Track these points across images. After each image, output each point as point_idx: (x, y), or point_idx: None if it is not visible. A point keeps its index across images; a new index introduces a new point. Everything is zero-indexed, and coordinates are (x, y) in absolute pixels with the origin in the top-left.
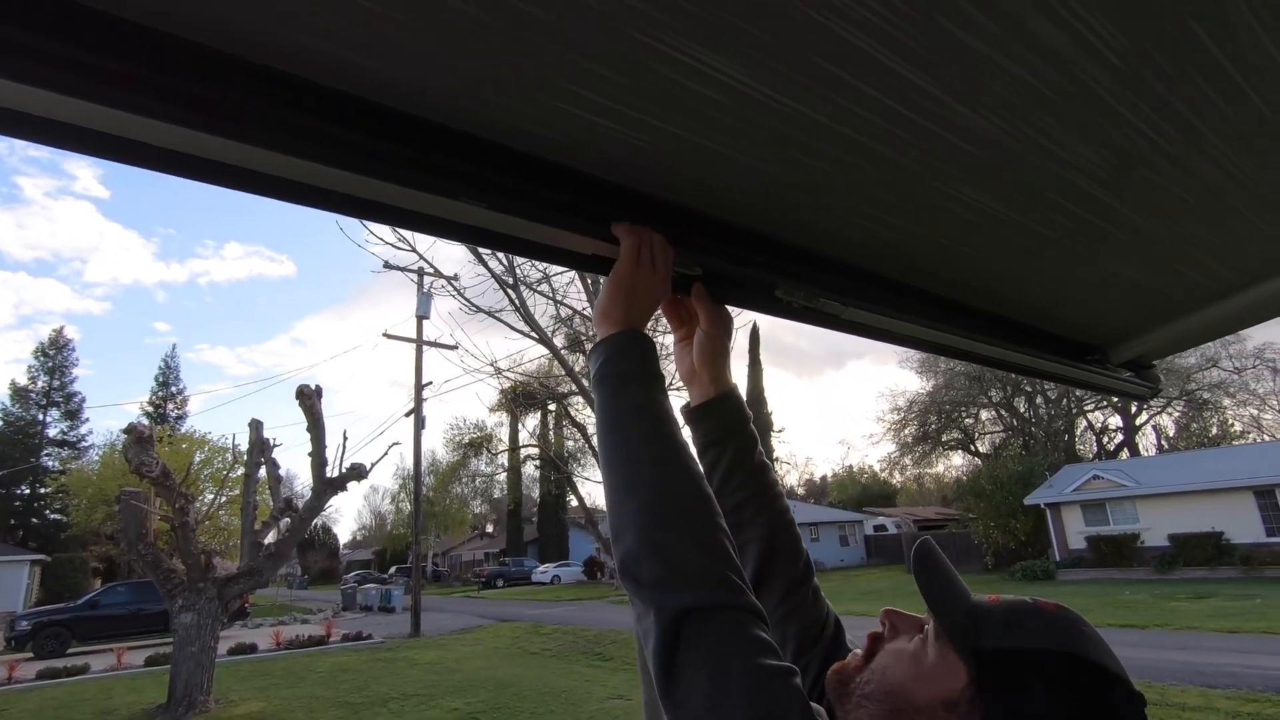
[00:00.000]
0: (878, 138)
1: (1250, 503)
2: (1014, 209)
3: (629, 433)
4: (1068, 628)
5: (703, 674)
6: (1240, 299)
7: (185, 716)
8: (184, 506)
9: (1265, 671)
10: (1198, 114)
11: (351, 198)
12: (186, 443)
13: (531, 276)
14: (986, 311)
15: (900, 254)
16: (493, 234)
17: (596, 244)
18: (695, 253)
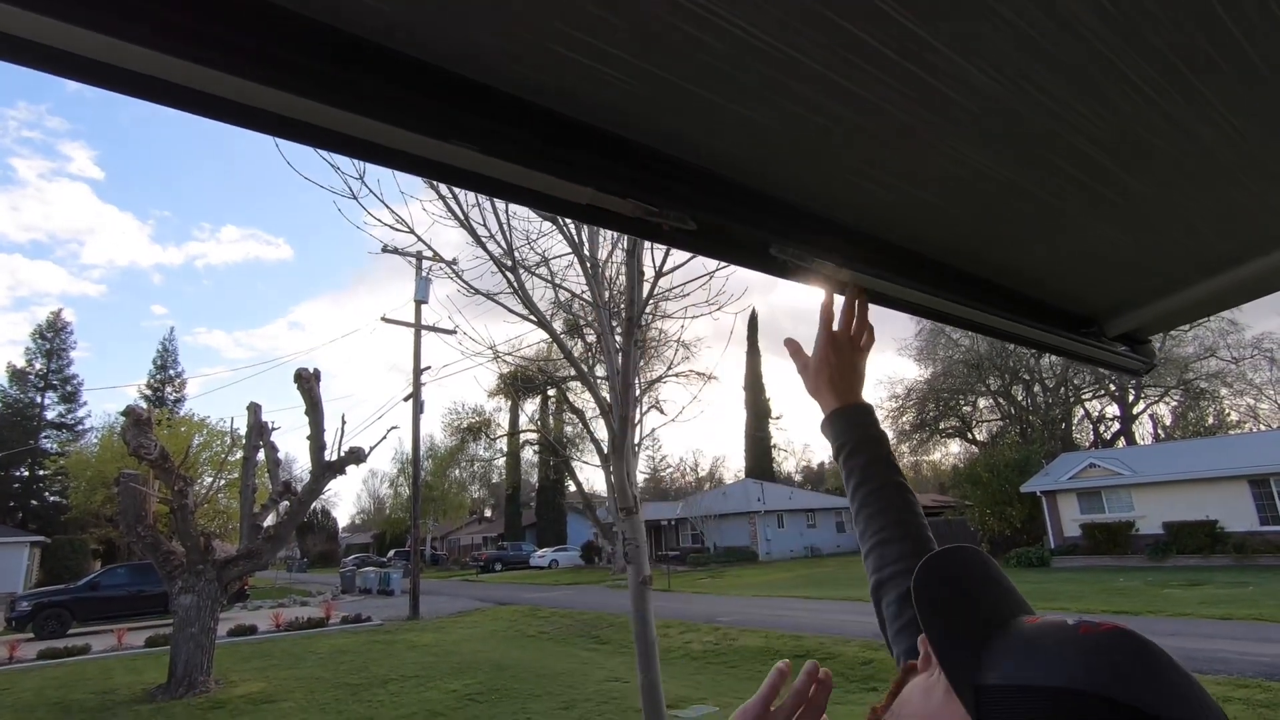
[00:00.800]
0: (876, 91)
1: (1245, 492)
2: (1010, 169)
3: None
4: (1107, 658)
5: None
6: (1238, 273)
7: (185, 696)
8: (183, 489)
9: (1256, 658)
10: (1196, 71)
11: (338, 134)
12: (185, 426)
13: (530, 260)
14: (982, 279)
15: (896, 215)
16: (484, 178)
17: (592, 193)
18: (690, 207)
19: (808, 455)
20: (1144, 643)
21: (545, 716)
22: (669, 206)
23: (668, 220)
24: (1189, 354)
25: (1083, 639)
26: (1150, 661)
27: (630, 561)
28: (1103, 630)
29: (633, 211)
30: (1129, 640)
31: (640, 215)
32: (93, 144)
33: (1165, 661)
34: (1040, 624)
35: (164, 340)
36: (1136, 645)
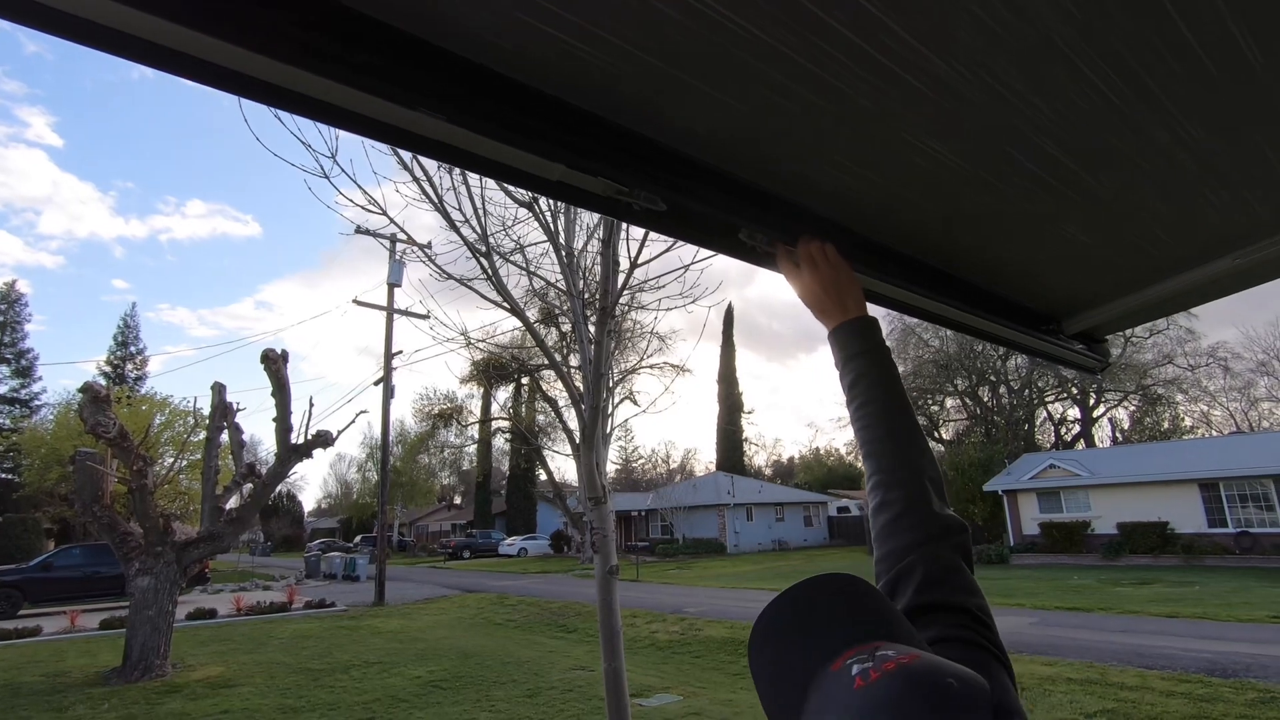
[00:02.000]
0: (849, 81)
1: (1195, 495)
2: (975, 163)
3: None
4: (861, 715)
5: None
6: (1191, 276)
7: (141, 680)
8: (142, 469)
9: (1198, 654)
10: (1154, 76)
11: (299, 95)
12: (146, 404)
13: (505, 246)
14: (947, 273)
15: (864, 205)
16: (452, 149)
17: (563, 170)
18: (660, 188)
19: (778, 450)
20: (910, 692)
21: (509, 704)
22: (640, 186)
23: (638, 200)
24: (1148, 360)
25: (850, 696)
26: (903, 712)
27: (597, 551)
28: (872, 680)
29: (603, 190)
30: (884, 695)
31: (611, 194)
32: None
33: (919, 712)
34: (836, 673)
35: (125, 316)
36: (890, 701)
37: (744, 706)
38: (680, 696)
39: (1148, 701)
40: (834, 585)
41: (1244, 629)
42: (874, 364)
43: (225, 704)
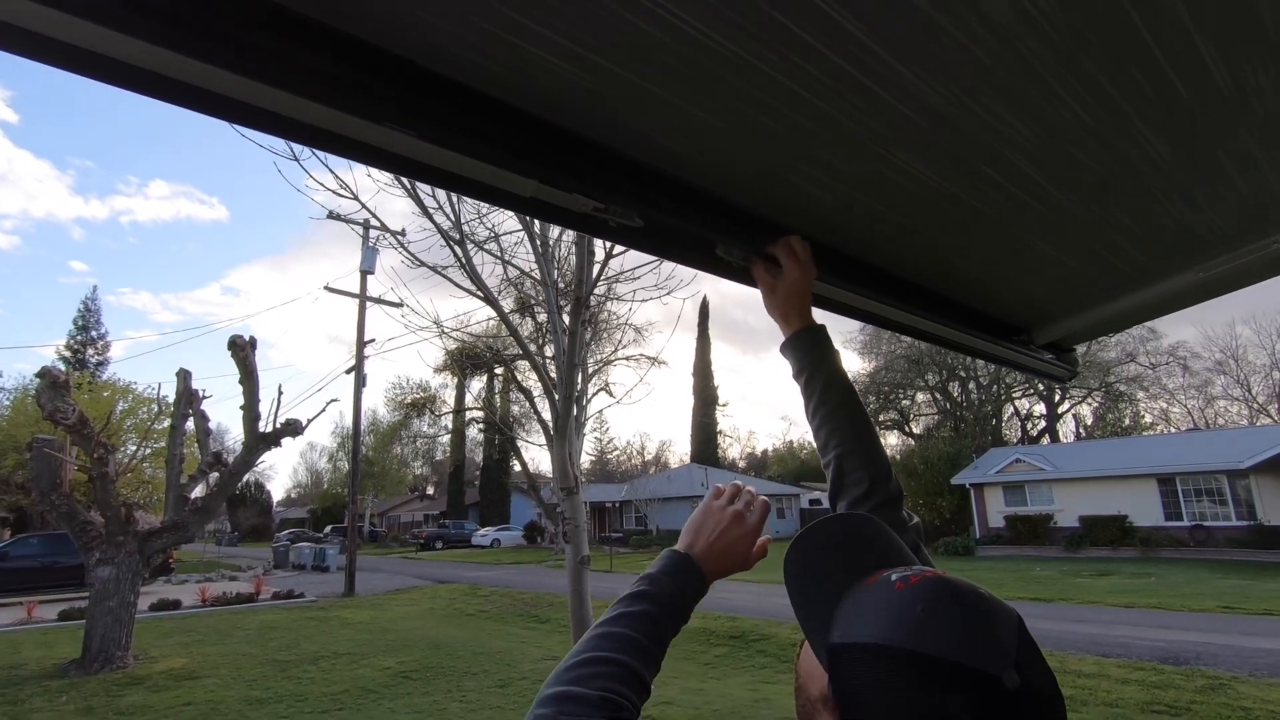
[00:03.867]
0: (825, 96)
1: (1153, 489)
2: (950, 180)
3: (607, 622)
4: (905, 611)
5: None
6: (1156, 289)
7: (101, 672)
8: (103, 456)
9: (1152, 643)
10: (1125, 95)
11: (261, 110)
12: (108, 390)
13: (479, 234)
14: (922, 286)
15: (839, 220)
16: (422, 166)
17: (537, 186)
18: (636, 204)
19: (753, 442)
20: (940, 591)
21: (480, 694)
22: (615, 203)
23: (614, 216)
24: (1111, 358)
25: (895, 594)
26: (943, 608)
27: (569, 541)
28: (912, 583)
29: (578, 206)
30: (929, 590)
31: (586, 210)
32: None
33: (958, 607)
34: (873, 583)
35: (86, 299)
36: (935, 594)
37: (714, 695)
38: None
39: (1104, 688)
40: (856, 521)
41: (1196, 619)
42: (839, 366)
43: (189, 696)
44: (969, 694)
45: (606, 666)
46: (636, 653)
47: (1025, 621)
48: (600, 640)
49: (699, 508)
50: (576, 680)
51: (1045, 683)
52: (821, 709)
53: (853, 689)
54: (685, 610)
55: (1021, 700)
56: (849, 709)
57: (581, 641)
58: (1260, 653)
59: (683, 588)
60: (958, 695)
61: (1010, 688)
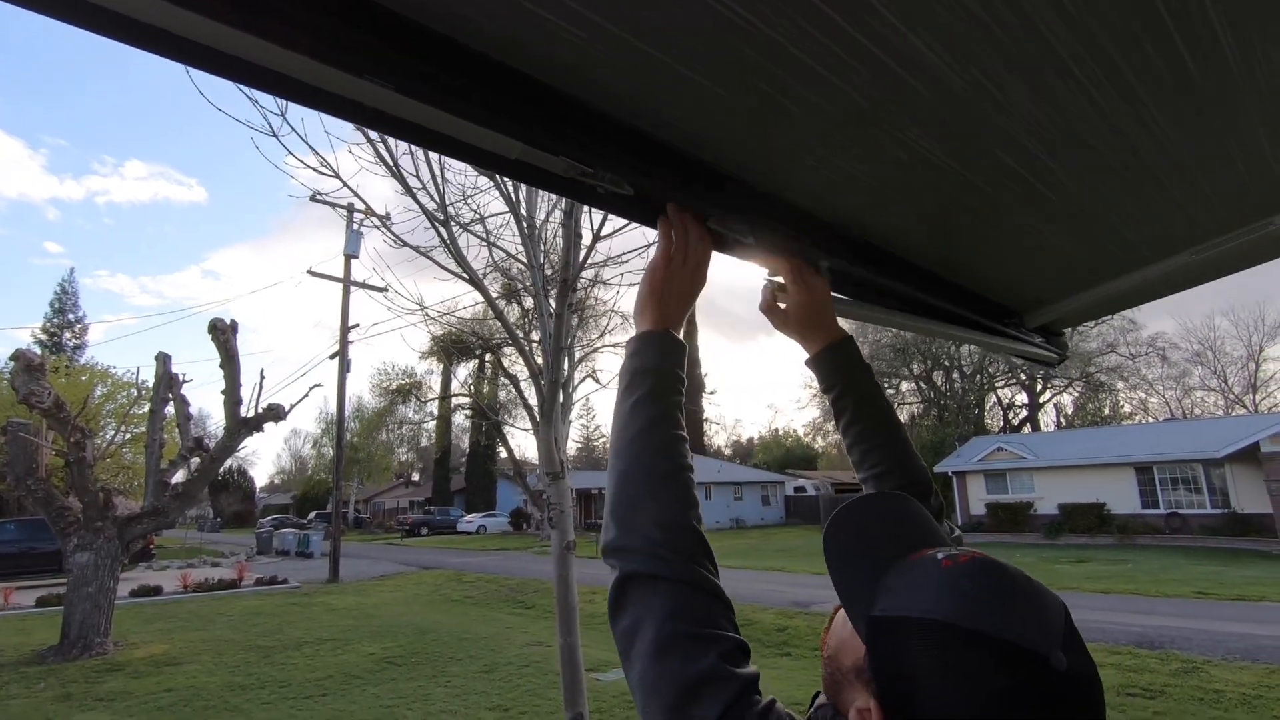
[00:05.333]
0: (829, 65)
1: (1130, 477)
2: (955, 158)
3: (620, 423)
4: (954, 587)
5: (629, 628)
6: (1148, 272)
7: (80, 658)
8: (80, 441)
9: (1128, 627)
10: (1138, 76)
11: (228, 56)
12: (86, 375)
13: (464, 216)
14: (919, 267)
15: (837, 196)
16: (401, 122)
17: (522, 148)
18: (626, 171)
19: (738, 430)
20: (988, 569)
21: (465, 679)
22: (604, 168)
23: (602, 183)
24: (1093, 349)
25: (943, 571)
26: (993, 587)
27: (554, 526)
28: (960, 562)
29: (565, 170)
30: (974, 568)
31: (573, 175)
32: None
33: (1009, 586)
34: (919, 560)
35: (63, 281)
36: (985, 573)
37: None
38: None
39: None
40: (898, 500)
41: (1171, 604)
42: (871, 381)
43: (170, 682)
44: (1015, 672)
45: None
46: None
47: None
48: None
49: (651, 284)
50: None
51: (1088, 668)
52: (854, 680)
53: (894, 662)
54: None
55: (1067, 682)
56: (890, 681)
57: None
58: (1232, 636)
59: (679, 369)
60: (1004, 672)
61: (1058, 669)
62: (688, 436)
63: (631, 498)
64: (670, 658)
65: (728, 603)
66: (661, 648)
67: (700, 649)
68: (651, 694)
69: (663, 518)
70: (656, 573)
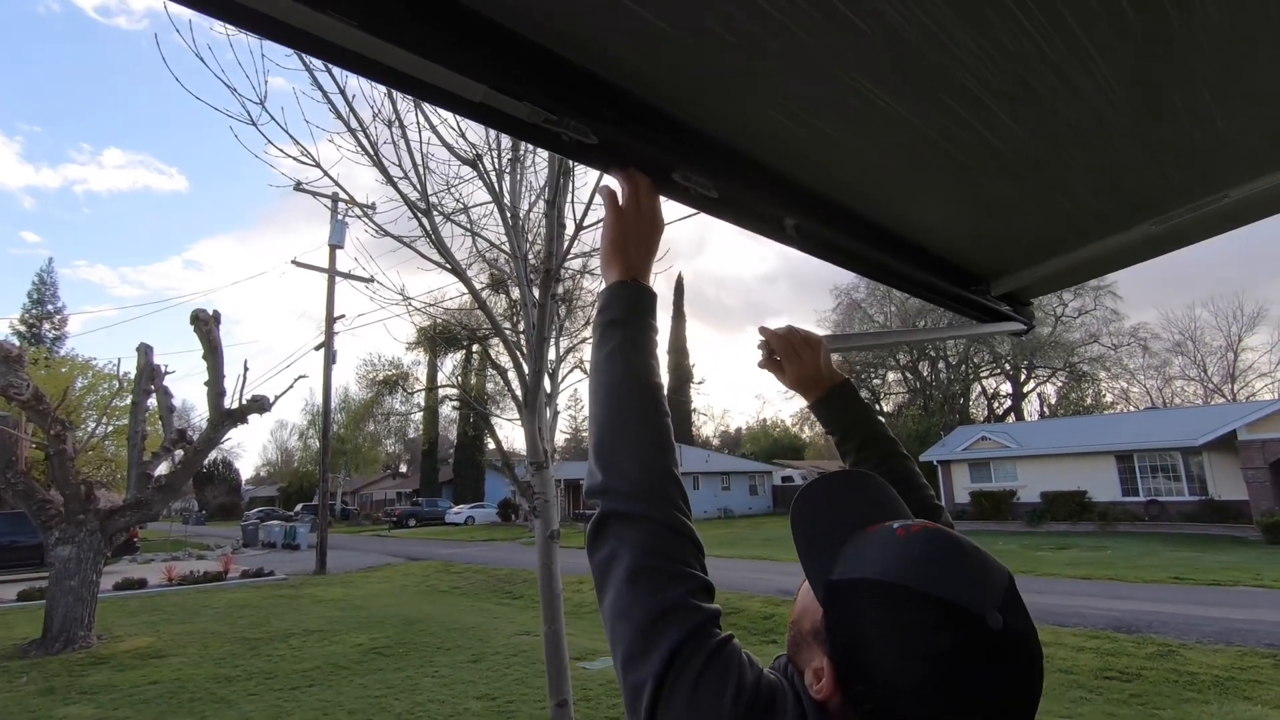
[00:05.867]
0: (789, 12)
1: (1111, 465)
2: (907, 107)
3: (598, 374)
4: (905, 552)
5: (606, 558)
6: (1110, 242)
7: (63, 652)
8: (60, 433)
9: (1107, 612)
10: (1082, 24)
11: None
12: (66, 366)
13: (447, 205)
14: (883, 225)
15: (799, 149)
16: (365, 59)
17: (485, 91)
18: (590, 119)
19: (726, 420)
20: (937, 537)
21: (452, 669)
22: (568, 115)
23: (566, 130)
24: (1076, 339)
25: (897, 539)
26: (940, 552)
27: (538, 516)
28: (913, 530)
29: (529, 116)
30: (924, 536)
31: (537, 121)
32: None
33: (955, 552)
34: (877, 530)
35: (41, 271)
36: (928, 540)
37: None
38: None
39: (1060, 656)
40: (864, 477)
41: (1148, 589)
42: (874, 420)
43: (155, 675)
44: (954, 630)
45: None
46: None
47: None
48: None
49: (609, 239)
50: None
51: (1026, 629)
52: (811, 642)
53: (846, 621)
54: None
55: (1003, 641)
56: (843, 641)
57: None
58: (1207, 620)
59: (649, 317)
60: (944, 630)
61: (994, 627)
62: (663, 383)
63: (613, 445)
64: (642, 586)
65: (699, 544)
66: (635, 576)
67: (671, 582)
68: (621, 616)
69: (643, 463)
70: (637, 512)
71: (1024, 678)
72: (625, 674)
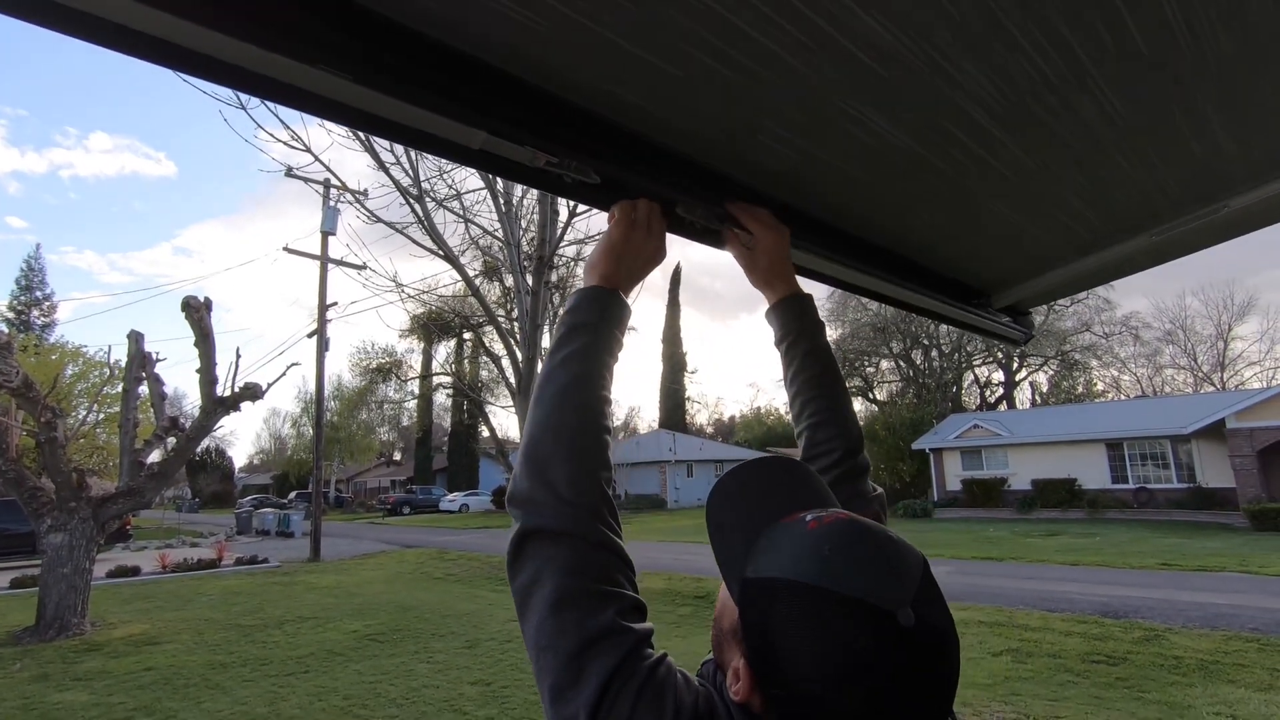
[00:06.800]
0: (790, 49)
1: (1101, 453)
2: (912, 136)
3: (547, 375)
4: (815, 549)
5: (528, 582)
6: (1110, 253)
7: (57, 639)
8: (51, 420)
9: (1095, 598)
10: (1084, 47)
11: (175, 47)
12: (56, 354)
13: (440, 192)
14: (883, 248)
15: (802, 180)
16: (359, 112)
17: (485, 138)
18: (592, 159)
19: (720, 408)
20: (848, 531)
21: (448, 655)
22: (570, 157)
23: (569, 172)
24: (1068, 328)
25: (808, 533)
26: (850, 548)
27: None
28: (825, 523)
29: (530, 160)
30: (835, 530)
31: (539, 165)
32: None
33: (866, 546)
34: (790, 522)
35: (29, 258)
36: (843, 534)
37: (677, 653)
38: None
39: (1048, 640)
40: (782, 465)
41: (1136, 575)
42: (822, 336)
43: (149, 661)
44: (865, 629)
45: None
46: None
47: (979, 579)
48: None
49: (608, 243)
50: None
51: (941, 622)
52: (731, 641)
53: (760, 622)
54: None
55: (916, 637)
56: (758, 641)
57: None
58: (1193, 606)
59: (618, 330)
60: (856, 630)
61: (905, 625)
62: (611, 398)
63: (546, 452)
64: (569, 611)
65: (628, 561)
66: (560, 601)
67: (599, 604)
68: (547, 647)
69: (574, 475)
70: (559, 529)
71: (940, 673)
72: (554, 707)
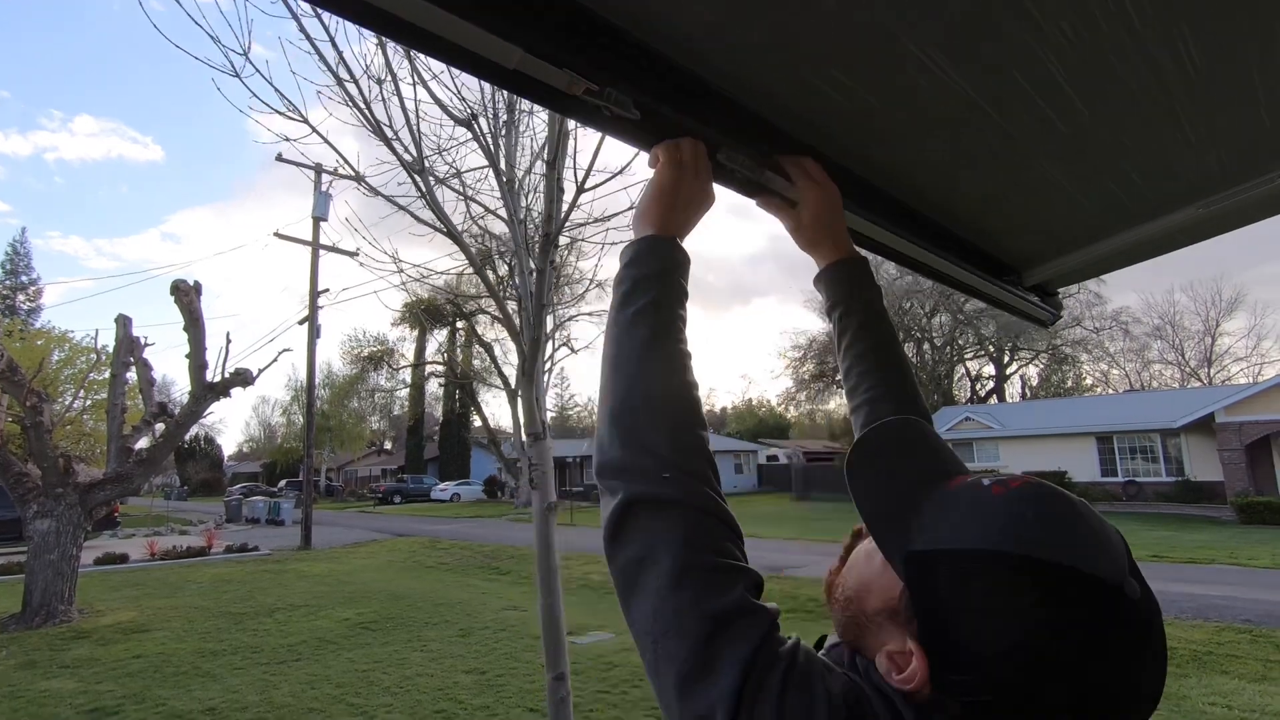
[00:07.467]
0: None
1: (1091, 446)
2: (980, 88)
3: (620, 334)
4: (1014, 515)
5: (636, 559)
6: (1153, 226)
7: (44, 626)
8: (37, 405)
9: None
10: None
11: None
12: (42, 339)
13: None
14: (919, 213)
15: (850, 132)
16: (388, 16)
17: (522, 55)
18: (635, 91)
19: (712, 400)
20: (1048, 495)
21: (441, 644)
22: (611, 86)
23: (609, 104)
24: (1060, 322)
25: (992, 499)
26: (1049, 513)
27: (536, 487)
28: (1012, 488)
29: (568, 86)
30: (1033, 494)
31: (577, 93)
32: None
33: (1065, 510)
34: (959, 487)
35: (14, 242)
36: (1039, 499)
37: None
38: (613, 634)
39: None
40: (921, 426)
41: None
42: (878, 303)
43: (139, 648)
44: (1090, 603)
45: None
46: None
47: None
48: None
49: (657, 188)
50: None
51: (1153, 597)
52: (885, 622)
53: (948, 599)
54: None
55: (1140, 611)
56: (942, 620)
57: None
58: (1184, 597)
59: (683, 278)
60: (1079, 604)
61: (1132, 597)
62: (690, 352)
63: (639, 414)
64: (689, 590)
65: (739, 531)
66: (679, 579)
67: (725, 581)
68: (667, 632)
69: (675, 436)
70: (668, 497)
71: (1163, 651)
72: (681, 702)
